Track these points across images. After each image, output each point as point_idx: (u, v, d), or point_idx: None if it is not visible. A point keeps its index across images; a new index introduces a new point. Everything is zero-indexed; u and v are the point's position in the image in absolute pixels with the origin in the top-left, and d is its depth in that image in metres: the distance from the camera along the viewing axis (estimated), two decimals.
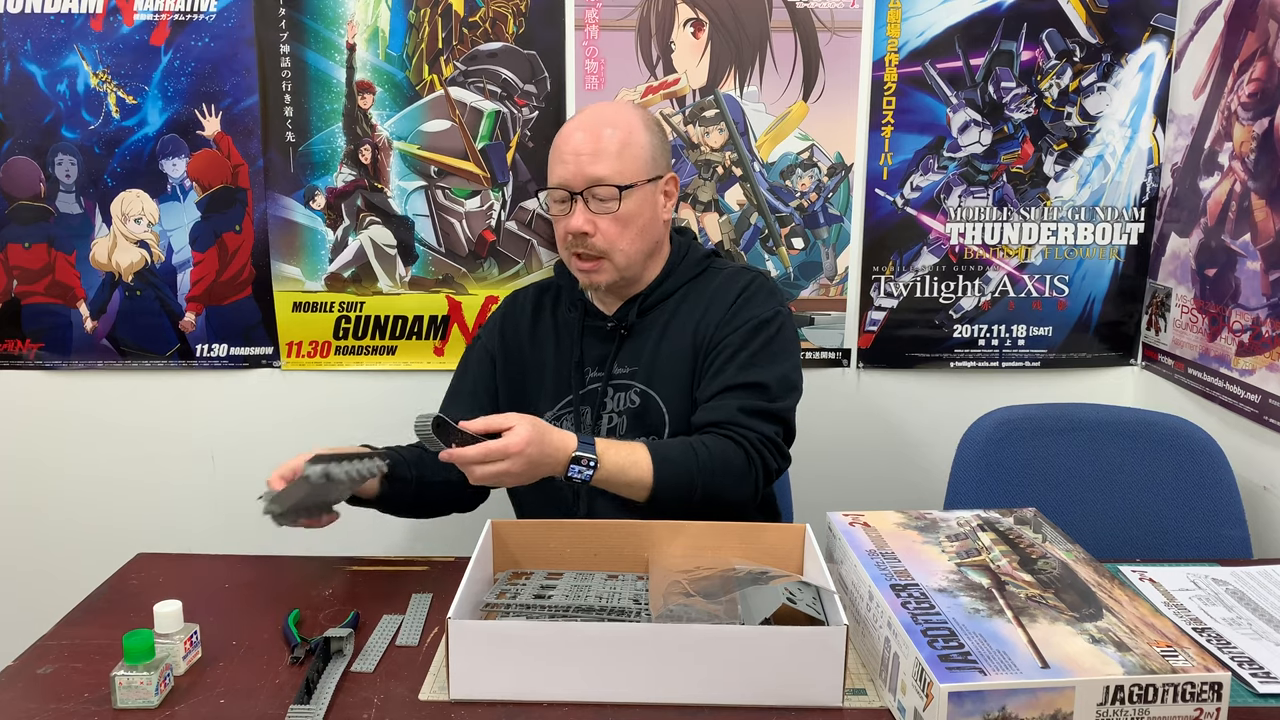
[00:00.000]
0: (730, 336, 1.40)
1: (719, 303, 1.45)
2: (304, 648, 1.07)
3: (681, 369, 1.43)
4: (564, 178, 1.39)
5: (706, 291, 1.47)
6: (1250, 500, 1.61)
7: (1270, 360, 1.60)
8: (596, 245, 1.39)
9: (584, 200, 1.38)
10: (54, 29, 1.87)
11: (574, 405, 1.46)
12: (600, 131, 1.40)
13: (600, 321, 1.48)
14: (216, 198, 1.95)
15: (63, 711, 0.98)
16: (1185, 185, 1.86)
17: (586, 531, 1.25)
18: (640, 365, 1.45)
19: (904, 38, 1.90)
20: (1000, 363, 2.04)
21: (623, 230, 1.40)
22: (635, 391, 1.44)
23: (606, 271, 1.42)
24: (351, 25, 1.89)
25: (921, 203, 1.97)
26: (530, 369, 1.52)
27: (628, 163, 1.39)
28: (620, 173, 1.39)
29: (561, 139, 1.42)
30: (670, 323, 1.46)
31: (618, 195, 1.38)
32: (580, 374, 1.47)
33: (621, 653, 0.98)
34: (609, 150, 1.38)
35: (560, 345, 1.51)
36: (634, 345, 1.46)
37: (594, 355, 1.48)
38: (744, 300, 1.44)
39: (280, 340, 2.01)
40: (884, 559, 1.11)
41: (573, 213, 1.39)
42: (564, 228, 1.41)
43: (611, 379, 1.46)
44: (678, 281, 1.48)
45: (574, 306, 1.50)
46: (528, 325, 1.54)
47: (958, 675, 0.87)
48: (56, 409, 2.04)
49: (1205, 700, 0.89)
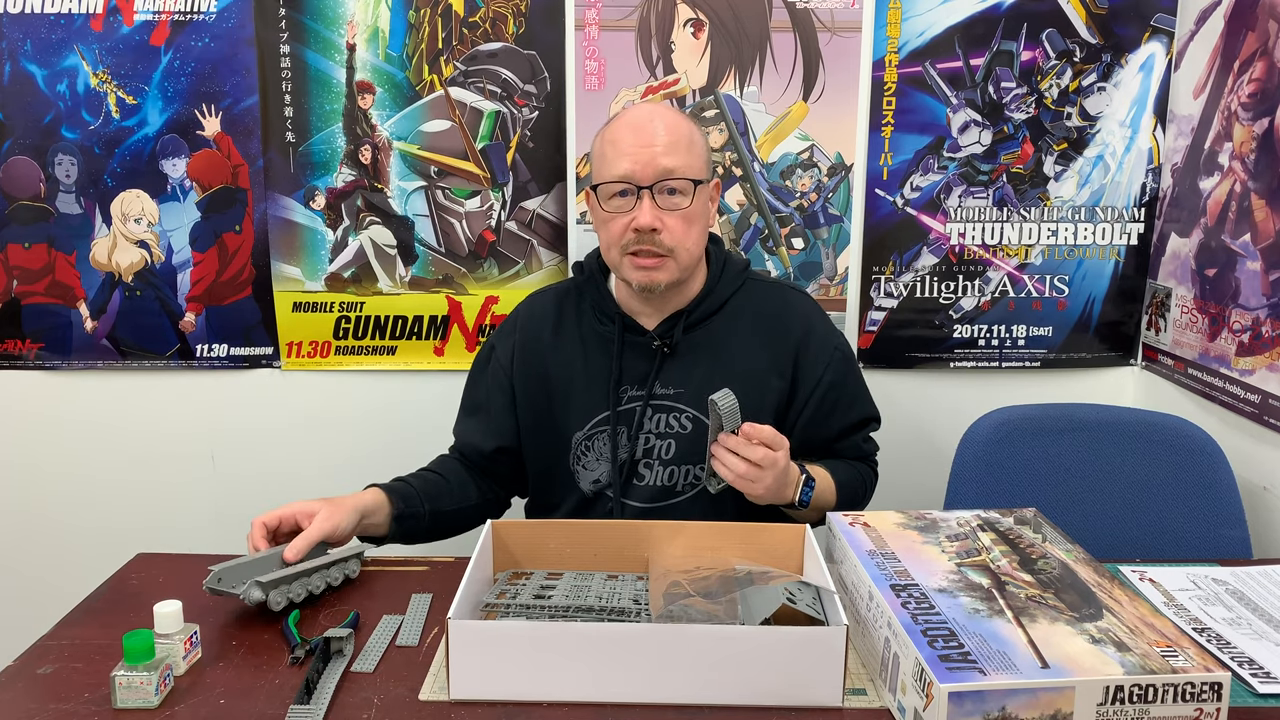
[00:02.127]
0: (826, 374, 1.43)
1: (786, 334, 1.42)
2: (304, 648, 1.07)
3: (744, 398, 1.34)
4: (630, 171, 1.30)
5: (756, 314, 1.43)
6: (1250, 500, 1.61)
7: (1270, 360, 1.60)
8: (664, 243, 1.31)
9: (651, 195, 1.31)
10: (54, 29, 1.87)
11: (610, 424, 1.41)
12: (669, 124, 1.33)
13: (640, 337, 1.41)
14: (216, 198, 1.95)
15: (63, 711, 0.98)
16: (1185, 185, 1.86)
17: (586, 531, 1.25)
18: (689, 388, 1.40)
19: (904, 38, 1.90)
20: (1000, 363, 2.04)
21: (688, 228, 1.33)
22: (686, 416, 1.40)
23: (669, 270, 1.33)
24: (351, 25, 1.89)
25: (921, 203, 1.97)
26: (555, 385, 1.44)
27: (696, 159, 1.34)
28: (691, 167, 1.32)
29: (621, 132, 1.33)
30: (721, 345, 1.41)
31: (691, 190, 1.32)
32: (617, 392, 1.41)
33: (621, 653, 0.98)
34: (681, 144, 1.32)
35: (590, 359, 1.43)
36: (679, 365, 1.40)
37: (633, 373, 1.41)
38: (814, 331, 1.45)
39: (280, 340, 2.01)
40: (884, 559, 1.11)
41: (639, 208, 1.30)
42: (624, 224, 1.32)
43: (652, 399, 1.41)
44: (721, 297, 1.42)
45: (609, 319, 1.43)
46: (549, 337, 1.46)
47: (958, 675, 0.87)
48: (56, 409, 2.04)
49: (1205, 700, 0.89)
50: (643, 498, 1.42)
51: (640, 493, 1.42)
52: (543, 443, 1.46)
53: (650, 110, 1.37)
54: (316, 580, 1.21)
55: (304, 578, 1.20)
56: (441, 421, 1.58)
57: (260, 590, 1.13)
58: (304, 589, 1.19)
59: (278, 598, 1.15)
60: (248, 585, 1.13)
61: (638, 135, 1.32)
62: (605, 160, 1.34)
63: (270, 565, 1.19)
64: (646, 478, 1.42)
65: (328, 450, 2.06)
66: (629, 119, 1.35)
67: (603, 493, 1.43)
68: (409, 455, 2.05)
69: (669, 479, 1.41)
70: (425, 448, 2.04)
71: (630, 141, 1.31)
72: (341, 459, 2.07)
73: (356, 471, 2.06)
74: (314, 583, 1.21)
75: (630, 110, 1.38)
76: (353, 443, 2.06)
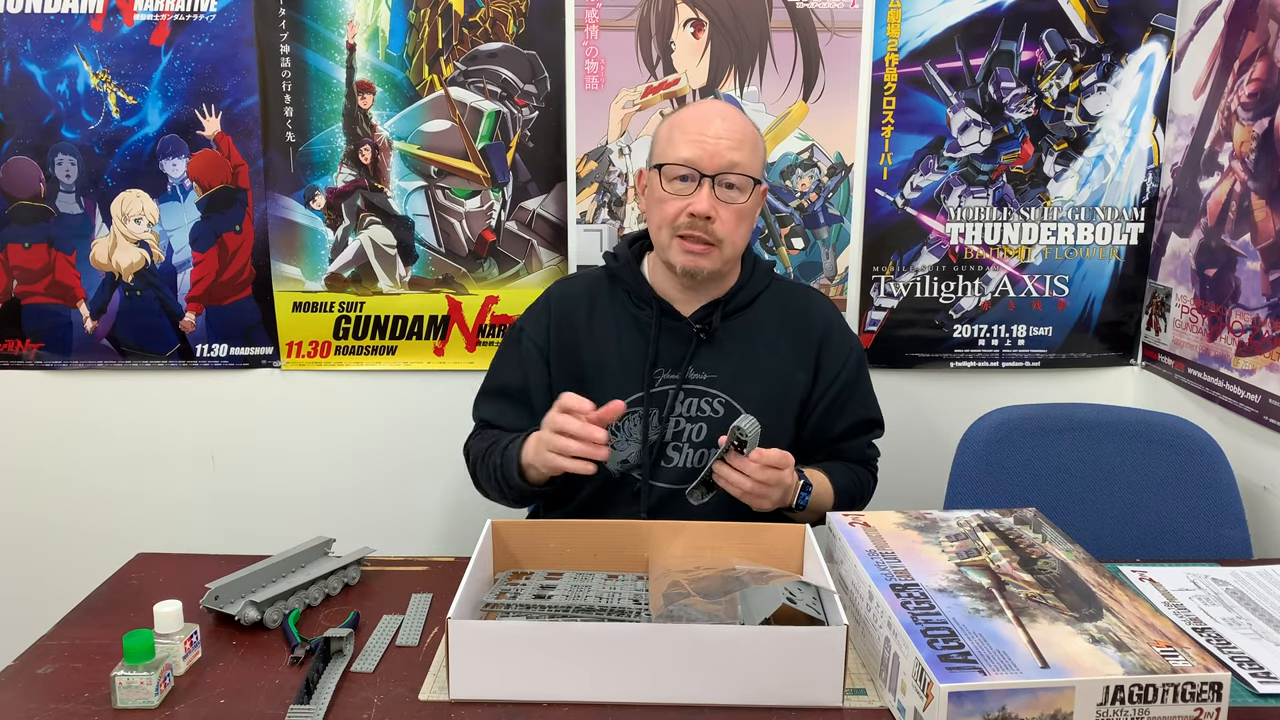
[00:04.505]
0: (843, 372, 1.49)
1: (809, 330, 1.48)
2: (304, 648, 1.07)
3: (773, 390, 1.44)
4: (696, 157, 1.35)
5: (784, 310, 1.49)
6: (1250, 500, 1.61)
7: (1270, 360, 1.60)
8: (714, 231, 1.36)
9: (712, 184, 1.35)
10: (54, 29, 1.87)
11: (644, 405, 1.43)
12: (738, 122, 1.38)
13: (675, 322, 1.45)
14: (216, 198, 1.95)
15: (63, 711, 0.98)
16: (1185, 185, 1.86)
17: (586, 531, 1.25)
18: (721, 374, 1.44)
19: (904, 38, 1.90)
20: (1000, 363, 2.04)
21: (738, 223, 1.39)
22: (718, 401, 1.43)
23: (714, 259, 1.38)
24: (351, 25, 1.89)
25: (921, 203, 1.97)
26: (589, 365, 1.47)
27: (757, 160, 1.40)
28: (753, 166, 1.38)
29: (692, 120, 1.38)
30: (753, 337, 1.46)
31: (749, 188, 1.38)
32: (652, 374, 1.44)
33: (621, 653, 0.98)
34: (747, 143, 1.37)
35: (624, 341, 1.46)
36: (713, 352, 1.44)
37: (669, 356, 1.44)
38: (834, 329, 1.51)
39: (280, 340, 2.01)
40: (884, 559, 1.11)
41: (697, 194, 1.35)
42: (680, 207, 1.36)
43: (685, 382, 1.44)
44: (754, 290, 1.48)
45: (645, 303, 1.46)
46: (584, 319, 1.48)
47: (958, 675, 0.87)
48: (56, 409, 2.04)
49: (1205, 700, 0.89)
50: (670, 479, 1.44)
51: (668, 474, 1.44)
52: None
53: (722, 106, 1.44)
54: (315, 592, 1.21)
55: (301, 591, 1.19)
56: (441, 421, 1.58)
57: (255, 610, 1.13)
58: (301, 603, 1.19)
59: (274, 615, 1.15)
60: (242, 605, 1.13)
61: (708, 125, 1.37)
62: (672, 143, 1.38)
63: (267, 578, 1.19)
64: (675, 460, 1.44)
65: (328, 450, 2.06)
66: (702, 110, 1.43)
67: (629, 473, 1.44)
68: (409, 455, 2.07)
69: (699, 461, 1.44)
70: (425, 448, 2.05)
71: (700, 130, 1.37)
72: (342, 459, 2.07)
73: (356, 472, 2.08)
74: (312, 595, 1.20)
75: (702, 102, 1.48)
76: (353, 443, 2.06)
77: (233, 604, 1.14)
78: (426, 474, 2.05)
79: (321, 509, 2.06)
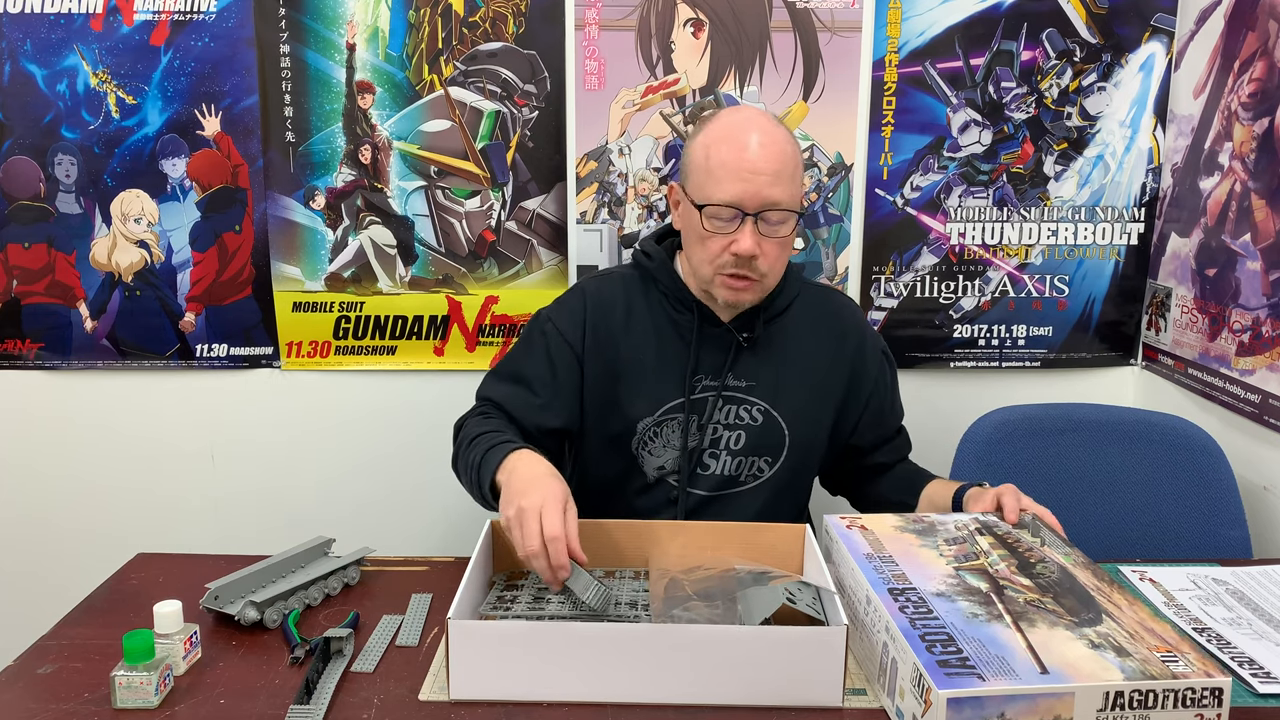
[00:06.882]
0: (880, 375, 1.51)
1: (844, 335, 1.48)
2: (304, 648, 1.07)
3: (811, 397, 1.44)
4: (739, 196, 1.29)
5: (816, 314, 1.48)
6: (1250, 500, 1.61)
7: (1270, 360, 1.60)
8: (759, 268, 1.32)
9: (755, 221, 1.30)
10: (54, 29, 1.87)
11: (684, 413, 1.41)
12: (779, 150, 1.31)
13: (715, 328, 1.42)
14: (216, 198, 1.95)
15: (63, 711, 0.98)
16: (1185, 185, 1.86)
17: (586, 531, 1.24)
18: (760, 382, 1.42)
19: (904, 38, 1.90)
20: (1000, 363, 2.04)
21: (780, 254, 1.35)
22: (757, 409, 1.42)
23: (756, 292, 1.36)
24: (351, 25, 1.89)
25: (921, 203, 1.96)
26: (625, 369, 1.43)
27: (798, 188, 1.34)
28: (794, 198, 1.32)
29: (730, 151, 1.30)
30: (790, 345, 1.45)
31: (793, 221, 1.33)
32: (693, 380, 1.42)
33: (621, 653, 0.98)
34: (787, 173, 1.31)
35: (663, 347, 1.43)
36: (752, 359, 1.43)
37: (708, 364, 1.42)
38: (865, 332, 1.52)
39: (280, 340, 2.01)
40: (881, 562, 1.11)
41: (740, 233, 1.30)
42: (723, 245, 1.31)
43: (725, 389, 1.42)
44: (789, 297, 1.46)
45: (686, 308, 1.43)
46: (621, 321, 1.44)
47: (956, 681, 0.87)
48: (56, 409, 2.04)
49: (1206, 705, 0.88)
50: (707, 486, 1.43)
51: (704, 481, 1.43)
52: (606, 428, 1.45)
53: (760, 128, 1.32)
54: (314, 593, 1.21)
55: (301, 591, 1.19)
56: (442, 421, 1.58)
57: (255, 610, 1.13)
58: (301, 603, 1.19)
59: (274, 615, 1.15)
60: (242, 605, 1.14)
61: (748, 160, 1.29)
62: (713, 178, 1.31)
63: (267, 578, 1.19)
64: (712, 467, 1.43)
65: (328, 450, 2.06)
66: (739, 137, 1.31)
67: (666, 478, 1.44)
68: (409, 455, 2.07)
69: (735, 469, 1.43)
70: (425, 448, 2.05)
71: (738, 164, 1.29)
72: (341, 459, 2.07)
73: (356, 471, 2.08)
74: (311, 595, 1.21)
75: (740, 123, 1.33)
76: (353, 443, 2.06)
77: (233, 604, 1.14)
78: (426, 474, 2.05)
79: (321, 509, 2.06)
